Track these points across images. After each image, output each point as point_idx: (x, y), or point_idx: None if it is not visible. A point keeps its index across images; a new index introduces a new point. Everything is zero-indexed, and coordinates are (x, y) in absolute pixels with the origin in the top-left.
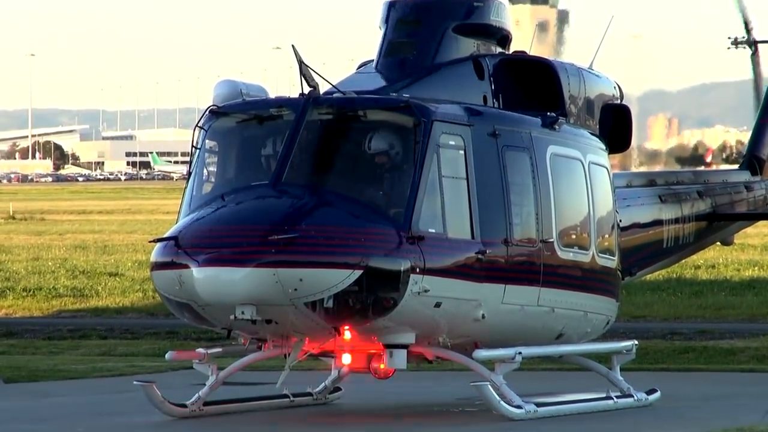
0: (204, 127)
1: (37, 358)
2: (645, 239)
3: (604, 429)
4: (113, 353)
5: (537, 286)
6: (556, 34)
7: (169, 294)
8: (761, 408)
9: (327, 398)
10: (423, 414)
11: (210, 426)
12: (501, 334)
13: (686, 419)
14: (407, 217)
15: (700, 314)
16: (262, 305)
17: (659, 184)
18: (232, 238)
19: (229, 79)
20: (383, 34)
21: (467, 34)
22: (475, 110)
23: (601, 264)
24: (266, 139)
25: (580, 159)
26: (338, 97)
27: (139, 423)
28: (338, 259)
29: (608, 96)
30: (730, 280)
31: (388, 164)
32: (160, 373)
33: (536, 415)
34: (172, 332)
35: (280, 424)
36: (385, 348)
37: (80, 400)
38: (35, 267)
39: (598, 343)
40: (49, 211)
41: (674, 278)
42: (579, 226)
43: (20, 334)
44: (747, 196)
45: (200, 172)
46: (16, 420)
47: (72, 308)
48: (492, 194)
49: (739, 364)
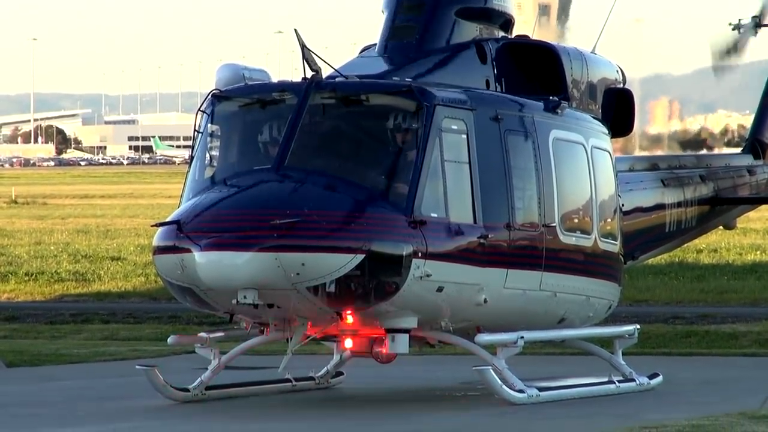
0: (206, 111)
1: (40, 342)
2: (647, 223)
3: (606, 413)
4: (115, 337)
5: (539, 271)
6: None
7: (171, 278)
8: (763, 392)
9: (329, 382)
10: (425, 398)
11: (212, 410)
12: (503, 319)
13: (688, 403)
14: (409, 202)
15: (702, 298)
16: (264, 290)
17: (661, 168)
18: (234, 222)
19: (232, 63)
20: (386, 18)
21: (470, 18)
22: (478, 94)
23: (604, 248)
24: (268, 123)
25: (583, 143)
26: (341, 81)
27: (142, 407)
28: (340, 244)
29: (611, 80)
30: (732, 264)
31: (391, 148)
32: (163, 358)
33: (538, 399)
34: (175, 317)
35: (282, 408)
36: (387, 332)
37: (82, 384)
38: (37, 251)
39: (601, 328)
40: (52, 196)
41: (676, 262)
42: (581, 210)
43: (22, 318)
44: (749, 180)
45: (202, 157)
46: (19, 404)
47: (74, 293)
48: (494, 178)
49: (741, 348)
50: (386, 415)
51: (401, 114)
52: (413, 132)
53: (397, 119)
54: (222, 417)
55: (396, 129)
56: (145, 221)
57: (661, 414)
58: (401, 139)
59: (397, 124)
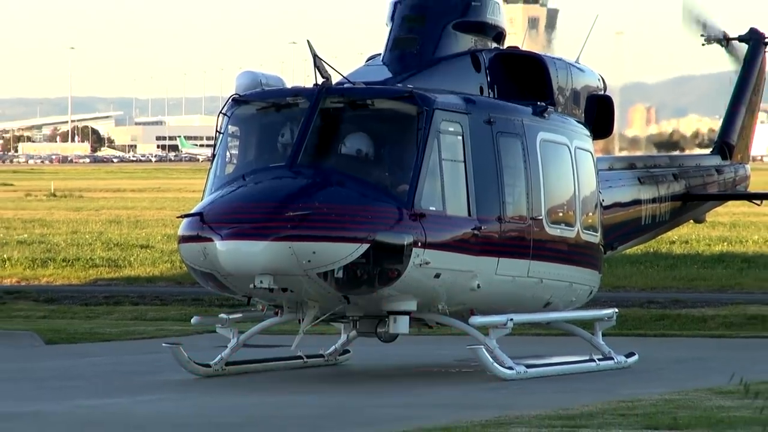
0: (227, 113)
1: (75, 322)
2: (625, 217)
3: (587, 388)
4: (144, 318)
5: (527, 259)
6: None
7: (194, 264)
8: (730, 370)
9: (337, 359)
10: (424, 374)
11: (231, 384)
12: (494, 303)
13: (662, 380)
14: (410, 196)
15: (675, 285)
16: (278, 275)
17: (638, 167)
18: (251, 214)
19: (250, 70)
20: (390, 30)
21: (466, 30)
22: (472, 100)
23: (585, 239)
24: (283, 125)
25: (567, 144)
26: (348, 87)
27: (168, 381)
28: (348, 234)
29: (593, 87)
30: (702, 255)
31: (394, 148)
32: (187, 336)
33: (526, 375)
34: (198, 299)
35: (295, 383)
36: (389, 314)
37: (114, 360)
38: (74, 240)
39: (582, 311)
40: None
41: (651, 252)
42: (565, 204)
43: (60, 300)
44: (718, 178)
45: (223, 155)
46: (56, 377)
47: (107, 277)
48: (487, 176)
49: (709, 330)
50: (388, 388)
51: (403, 117)
52: (414, 133)
53: (400, 122)
54: (240, 390)
55: (398, 131)
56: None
57: (637, 389)
58: (403, 139)
59: (400, 127)
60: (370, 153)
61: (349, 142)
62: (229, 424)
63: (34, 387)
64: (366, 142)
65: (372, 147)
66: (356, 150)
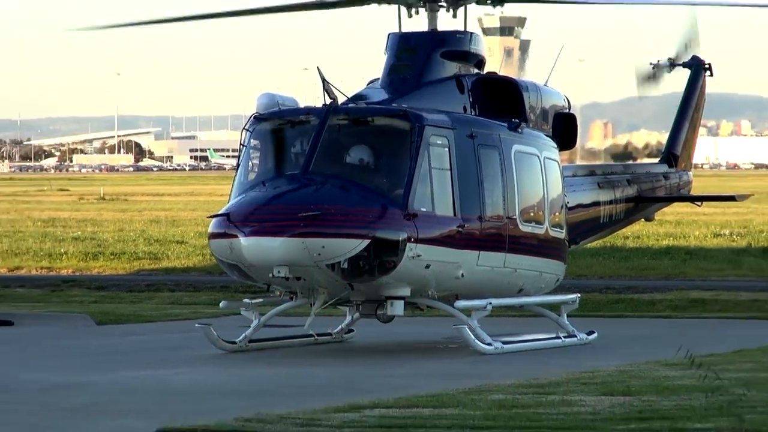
0: (249, 129)
1: (122, 306)
2: (586, 216)
3: (554, 362)
4: (179, 303)
5: (503, 252)
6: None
7: (222, 257)
8: (675, 345)
9: (343, 337)
10: (416, 349)
11: (253, 358)
12: (476, 289)
13: (617, 354)
14: (404, 199)
15: (628, 274)
16: (293, 266)
17: (597, 174)
18: (270, 214)
19: (269, 92)
20: (387, 59)
21: (451, 58)
22: (457, 117)
23: (553, 235)
24: (297, 139)
25: (537, 155)
26: (352, 106)
27: (199, 356)
28: (352, 231)
29: (559, 106)
30: (651, 248)
31: (390, 158)
32: (216, 318)
33: (502, 350)
34: (225, 286)
35: (307, 357)
36: (387, 299)
37: (154, 338)
38: (120, 236)
39: (550, 296)
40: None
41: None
42: (536, 206)
43: (108, 288)
44: (665, 183)
45: (246, 164)
46: (105, 352)
47: (148, 268)
48: (469, 181)
49: (657, 312)
50: (387, 362)
51: (398, 132)
52: (407, 146)
53: (396, 136)
54: (261, 363)
55: (394, 143)
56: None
57: (597, 362)
58: (398, 151)
59: (395, 140)
60: (371, 162)
61: (352, 153)
62: (252, 393)
63: (86, 361)
64: (367, 153)
65: (372, 157)
66: (359, 160)
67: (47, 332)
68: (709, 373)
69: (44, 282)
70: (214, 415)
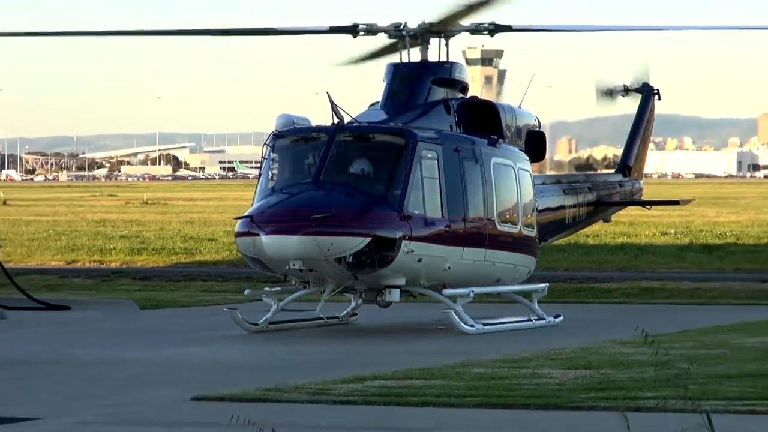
0: (269, 144)
1: (162, 293)
2: (554, 218)
3: (526, 340)
4: (210, 291)
5: (484, 248)
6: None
7: (246, 252)
8: (630, 327)
9: (348, 320)
10: (410, 330)
11: (273, 338)
12: (460, 279)
13: (580, 334)
14: (400, 204)
15: (589, 266)
16: (306, 260)
17: (563, 182)
18: (287, 216)
19: (286, 113)
20: (385, 85)
21: (440, 85)
22: (444, 134)
23: (525, 234)
24: (309, 152)
25: (512, 166)
26: (356, 125)
27: (227, 335)
28: (356, 231)
29: (531, 125)
30: (608, 245)
31: (388, 169)
32: (241, 303)
33: (483, 331)
34: (249, 277)
35: (318, 337)
36: (385, 287)
37: (189, 320)
38: (160, 235)
39: (523, 285)
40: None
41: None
42: (511, 209)
43: (151, 278)
44: (620, 190)
45: (266, 174)
46: (148, 333)
47: (184, 261)
48: (455, 188)
49: (614, 299)
50: (385, 341)
51: (395, 147)
52: (403, 158)
53: (393, 150)
54: (279, 342)
55: (392, 156)
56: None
57: (562, 341)
58: (395, 163)
59: (393, 154)
60: (372, 172)
61: (356, 165)
62: (271, 367)
63: (131, 340)
64: (368, 164)
65: (373, 168)
66: (361, 170)
67: (98, 316)
68: (658, 350)
69: (96, 273)
70: (239, 386)
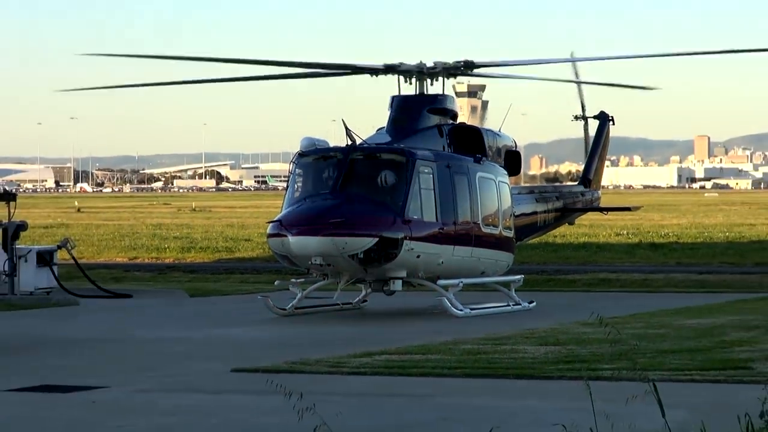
0: (295, 162)
1: (207, 284)
2: (528, 221)
3: (506, 322)
4: (247, 282)
5: (471, 247)
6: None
7: (276, 250)
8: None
9: (360, 306)
10: (410, 314)
11: (298, 320)
12: (452, 272)
13: (550, 317)
14: (402, 210)
15: (556, 261)
16: (325, 256)
17: (535, 192)
18: (309, 221)
19: (308, 136)
20: (390, 112)
21: (435, 113)
22: (438, 153)
23: (505, 235)
24: (327, 168)
25: (494, 179)
26: (366, 146)
27: (260, 318)
28: (366, 232)
29: (509, 145)
30: (573, 243)
31: (393, 182)
32: (272, 292)
33: (471, 314)
34: (278, 270)
35: (335, 319)
36: (390, 279)
37: (230, 306)
38: (205, 236)
39: (503, 277)
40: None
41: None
42: (493, 214)
43: (198, 271)
44: (582, 198)
45: (293, 186)
46: (196, 317)
47: (225, 258)
48: (447, 197)
49: (577, 287)
50: (390, 323)
51: (398, 164)
52: (404, 173)
53: (396, 167)
54: (303, 324)
55: (395, 171)
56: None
57: (535, 323)
58: (398, 177)
59: (396, 169)
60: (379, 185)
61: (366, 179)
62: (297, 344)
63: (182, 322)
64: (376, 178)
65: (379, 181)
66: (370, 183)
67: (155, 302)
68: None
69: (153, 268)
70: (271, 360)
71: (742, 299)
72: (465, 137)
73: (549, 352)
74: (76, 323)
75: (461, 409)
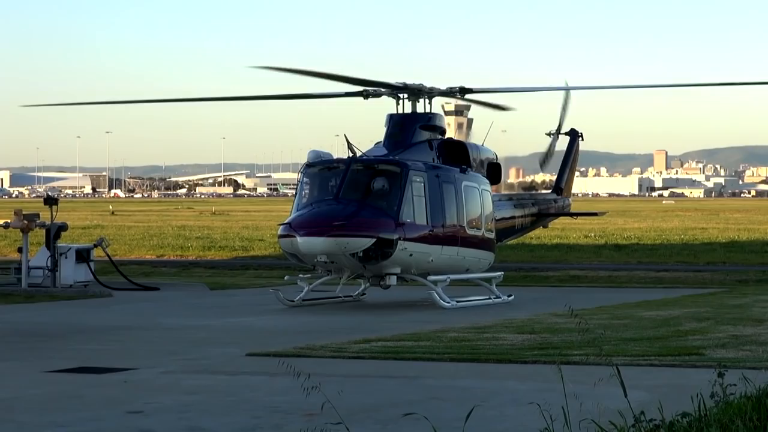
0: (303, 171)
1: (225, 278)
2: (507, 225)
3: (488, 313)
4: (260, 277)
5: (457, 247)
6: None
7: (286, 249)
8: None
9: (360, 298)
10: (404, 305)
11: (305, 311)
12: (440, 269)
13: (527, 308)
14: (397, 214)
15: (532, 260)
16: (329, 255)
17: (514, 199)
18: (315, 223)
19: (314, 149)
20: (387, 128)
21: (426, 129)
22: (429, 164)
23: (487, 236)
24: (332, 178)
25: (477, 187)
26: (365, 157)
27: (272, 309)
28: (365, 234)
29: (491, 158)
30: (547, 244)
31: (389, 189)
32: (282, 286)
33: (457, 306)
34: (288, 267)
35: (337, 310)
36: (386, 275)
37: (246, 298)
38: (224, 236)
39: (485, 273)
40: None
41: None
42: (476, 218)
43: (217, 267)
44: (555, 205)
45: (300, 193)
46: (216, 308)
47: (242, 255)
48: (436, 203)
49: (551, 283)
50: (386, 313)
51: (394, 174)
52: (398, 182)
53: (391, 176)
54: (310, 314)
55: (391, 180)
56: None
57: (513, 314)
58: (393, 185)
59: (392, 178)
60: (376, 192)
61: (365, 186)
62: (304, 332)
63: (203, 312)
64: (374, 186)
65: (378, 189)
66: (369, 190)
67: (179, 294)
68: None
69: (178, 264)
70: (281, 345)
71: (695, 294)
72: (452, 150)
73: (525, 339)
74: (109, 313)
75: (448, 389)
